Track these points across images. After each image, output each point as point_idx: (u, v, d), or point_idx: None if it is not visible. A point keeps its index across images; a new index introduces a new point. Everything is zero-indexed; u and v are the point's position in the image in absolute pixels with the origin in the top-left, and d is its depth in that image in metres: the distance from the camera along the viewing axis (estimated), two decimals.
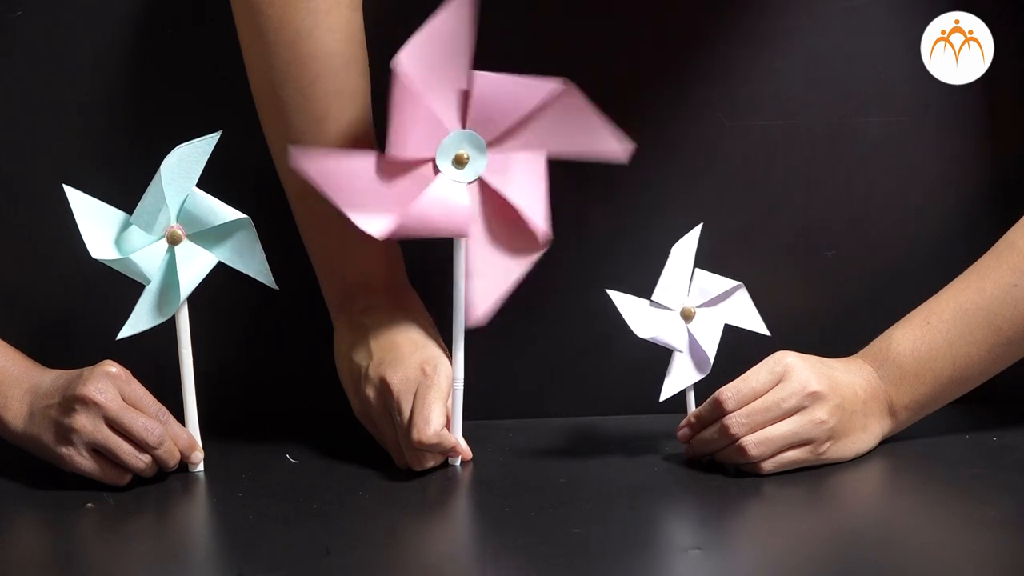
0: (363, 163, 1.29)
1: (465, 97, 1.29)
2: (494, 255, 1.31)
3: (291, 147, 1.28)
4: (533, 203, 1.30)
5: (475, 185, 1.31)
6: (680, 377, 1.34)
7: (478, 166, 1.30)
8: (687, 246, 1.34)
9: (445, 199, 1.29)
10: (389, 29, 1.33)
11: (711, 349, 1.33)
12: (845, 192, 1.46)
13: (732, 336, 1.34)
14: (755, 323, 1.34)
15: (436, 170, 1.30)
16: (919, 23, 1.43)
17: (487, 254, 1.31)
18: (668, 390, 1.34)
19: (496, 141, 1.30)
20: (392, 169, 1.29)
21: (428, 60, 1.27)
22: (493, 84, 1.28)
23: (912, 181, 1.46)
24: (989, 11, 1.42)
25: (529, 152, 1.30)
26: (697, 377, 1.34)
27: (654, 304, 1.34)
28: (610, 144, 1.30)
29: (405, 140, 1.28)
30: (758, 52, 1.44)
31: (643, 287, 1.34)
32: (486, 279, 1.31)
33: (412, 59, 1.26)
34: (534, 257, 1.31)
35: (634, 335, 1.32)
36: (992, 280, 1.33)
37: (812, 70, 1.44)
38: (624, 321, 1.32)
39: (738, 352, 1.35)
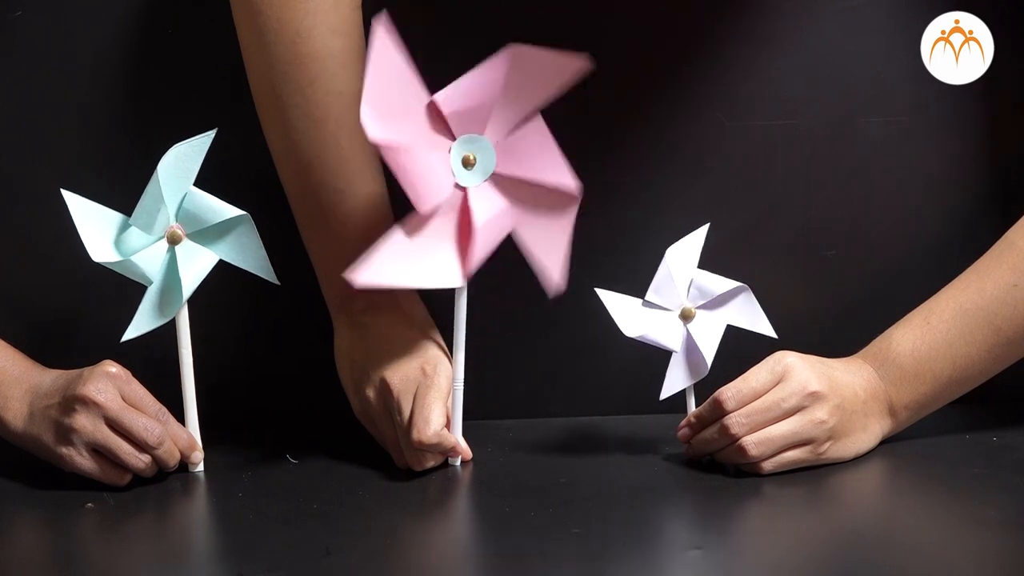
0: (401, 238, 1.29)
1: (439, 116, 1.29)
2: (543, 229, 1.31)
3: (345, 275, 1.28)
4: (552, 168, 1.30)
5: (492, 180, 1.31)
6: (679, 377, 1.34)
7: (487, 164, 1.30)
8: (686, 247, 1.34)
9: (488, 212, 1.30)
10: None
11: (709, 351, 1.33)
12: (845, 192, 1.46)
13: (732, 336, 1.34)
14: (760, 325, 1.34)
15: (462, 190, 1.30)
16: (919, 23, 1.43)
17: (537, 232, 1.31)
18: (667, 390, 1.34)
19: (490, 131, 1.30)
20: (424, 217, 1.30)
21: (386, 107, 1.27)
22: (457, 92, 1.29)
23: (912, 181, 1.46)
24: (989, 11, 1.42)
25: (527, 125, 1.30)
26: (695, 378, 1.34)
27: (648, 304, 1.34)
28: (568, 65, 1.29)
29: (427, 188, 1.29)
30: (758, 52, 1.44)
31: (643, 287, 1.34)
32: (548, 252, 1.31)
33: (374, 120, 1.26)
34: (575, 209, 1.31)
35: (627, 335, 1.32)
36: (992, 280, 1.33)
37: (812, 70, 1.44)
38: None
39: (738, 352, 1.35)
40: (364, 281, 1.28)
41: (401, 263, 1.29)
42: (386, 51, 1.27)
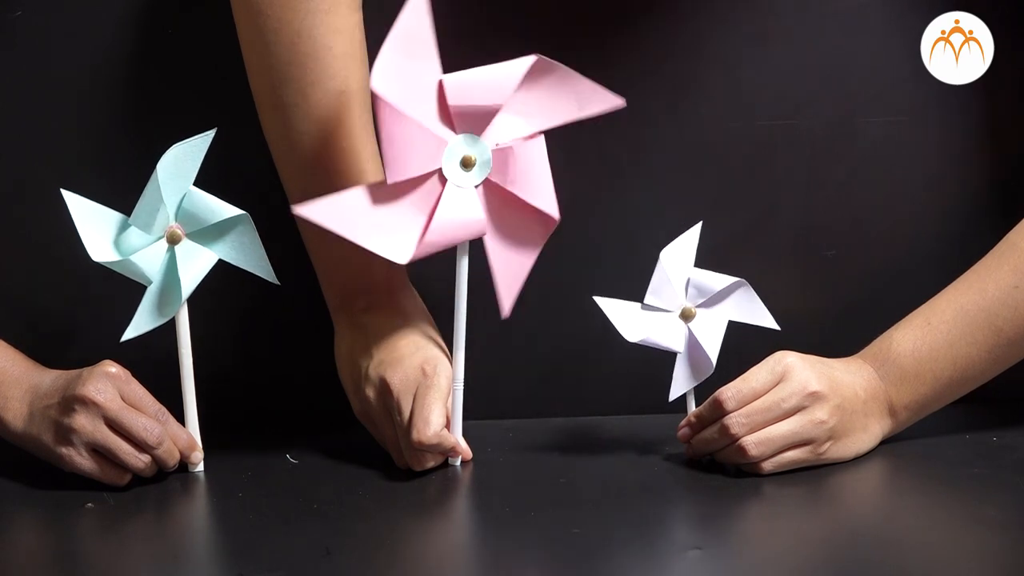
0: (366, 195, 1.28)
1: (444, 100, 1.28)
2: (511, 249, 1.31)
3: (292, 205, 1.27)
4: (540, 192, 1.30)
5: (482, 186, 1.30)
6: (685, 378, 1.34)
7: (484, 168, 1.30)
8: (680, 247, 1.33)
9: (459, 207, 1.29)
10: (388, 28, 1.33)
11: (713, 349, 1.33)
12: (845, 192, 1.46)
13: (733, 336, 1.34)
14: (762, 318, 1.34)
15: (443, 179, 1.30)
16: (919, 23, 1.43)
17: (505, 250, 1.31)
18: (675, 392, 1.34)
19: (490, 135, 1.30)
20: (398, 191, 1.28)
21: (400, 73, 1.26)
22: (464, 82, 1.28)
23: (912, 181, 1.46)
24: (989, 11, 1.42)
25: (526, 139, 1.30)
26: (701, 377, 1.34)
27: (647, 307, 1.34)
28: (601, 101, 1.29)
29: (405, 161, 1.27)
30: (758, 52, 1.44)
31: (643, 286, 1.34)
32: (508, 274, 1.31)
33: (385, 77, 1.26)
34: (545, 239, 1.31)
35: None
36: (993, 281, 1.33)
37: (812, 70, 1.44)
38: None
39: (739, 352, 1.35)
40: (307, 214, 1.26)
41: (354, 216, 1.27)
42: (417, 16, 1.26)
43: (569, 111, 1.29)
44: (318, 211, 1.27)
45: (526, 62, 1.28)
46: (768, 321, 1.34)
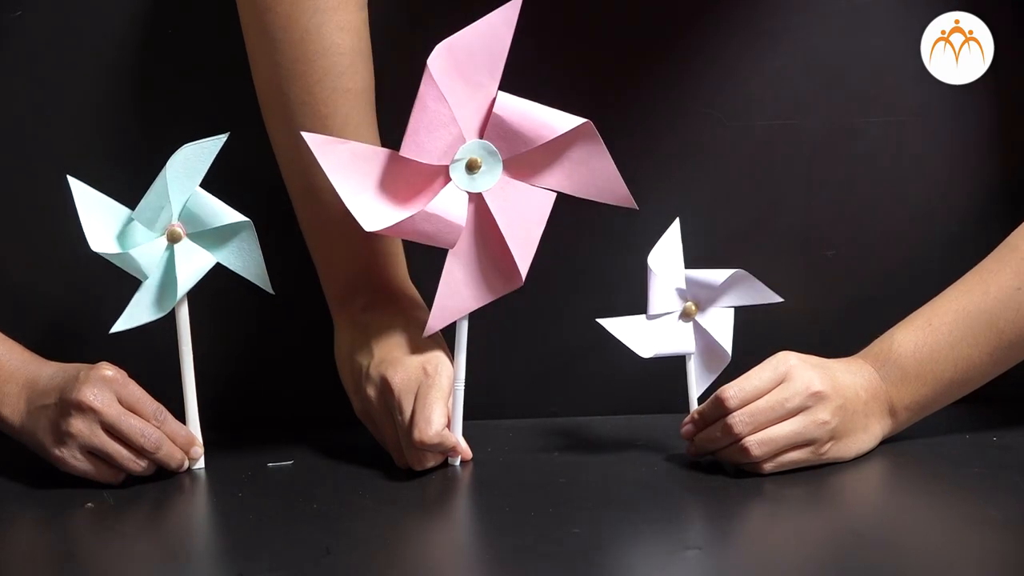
0: (375, 158, 1.28)
1: (488, 110, 1.28)
2: (467, 277, 1.30)
3: (305, 134, 1.27)
4: (523, 244, 1.30)
5: (475, 201, 1.30)
6: (703, 373, 1.35)
7: (488, 180, 1.30)
8: (665, 248, 1.33)
9: (447, 212, 1.28)
10: (394, 27, 1.33)
11: (725, 339, 1.34)
12: (845, 192, 1.46)
13: (733, 336, 1.34)
14: (764, 296, 1.34)
15: (447, 179, 1.29)
16: (919, 23, 1.43)
17: (460, 274, 1.30)
18: (699, 388, 1.35)
19: (507, 165, 1.29)
20: (403, 171, 1.28)
21: (462, 62, 1.26)
22: (516, 106, 1.28)
23: (912, 181, 1.46)
24: (989, 11, 1.42)
25: (538, 190, 1.29)
26: (720, 369, 1.34)
27: (652, 317, 1.34)
28: (617, 195, 1.29)
29: (422, 142, 1.27)
30: (758, 52, 1.44)
31: (644, 286, 1.33)
32: (451, 299, 1.30)
33: (446, 58, 1.25)
34: (500, 294, 1.31)
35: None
36: (996, 283, 1.33)
37: (812, 70, 1.44)
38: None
39: (739, 352, 1.35)
40: (310, 142, 1.26)
41: (349, 167, 1.27)
42: (504, 17, 1.26)
43: (585, 188, 1.29)
44: (319, 145, 1.26)
45: (575, 120, 1.27)
46: (771, 297, 1.34)
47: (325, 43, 1.32)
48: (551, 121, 1.28)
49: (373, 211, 1.28)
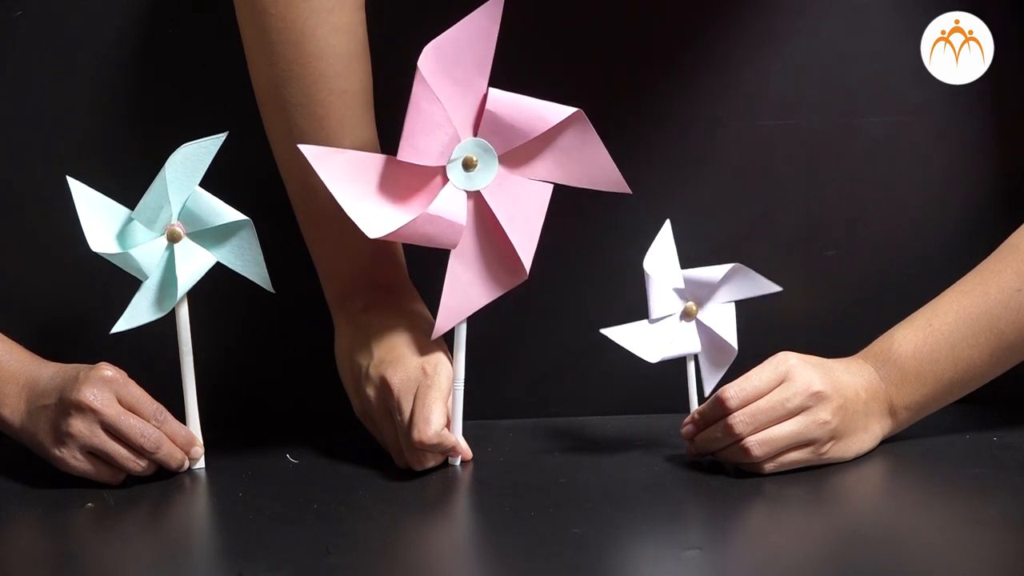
0: (372, 164, 1.28)
1: (480, 107, 1.28)
2: (472, 276, 1.31)
3: (300, 145, 1.27)
4: (524, 237, 1.30)
5: (473, 198, 1.30)
6: (712, 369, 1.35)
7: (485, 177, 1.30)
8: (659, 250, 1.33)
9: (448, 212, 1.29)
10: (391, 28, 1.33)
11: (730, 334, 1.34)
12: (845, 192, 1.46)
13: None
14: (762, 287, 1.34)
15: (444, 179, 1.29)
16: (919, 23, 1.43)
17: (465, 273, 1.30)
18: (710, 384, 1.35)
19: (503, 160, 1.29)
20: (401, 174, 1.28)
21: (451, 62, 1.26)
22: (508, 101, 1.28)
23: (912, 181, 1.46)
24: (989, 11, 1.42)
25: (535, 183, 1.30)
26: (727, 363, 1.34)
27: (655, 321, 1.34)
28: (611, 181, 1.29)
29: (419, 144, 1.27)
30: (758, 52, 1.44)
31: (643, 286, 1.33)
32: (457, 299, 1.30)
33: (435, 59, 1.26)
34: (507, 288, 1.31)
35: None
36: (996, 284, 1.33)
37: (812, 70, 1.44)
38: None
39: (740, 352, 1.35)
40: (308, 154, 1.26)
41: (348, 177, 1.27)
42: (488, 14, 1.26)
43: (579, 176, 1.29)
44: (317, 157, 1.26)
45: (567, 110, 1.28)
46: (769, 287, 1.34)
47: (321, 45, 1.32)
48: (544, 112, 1.28)
49: (375, 217, 1.28)
